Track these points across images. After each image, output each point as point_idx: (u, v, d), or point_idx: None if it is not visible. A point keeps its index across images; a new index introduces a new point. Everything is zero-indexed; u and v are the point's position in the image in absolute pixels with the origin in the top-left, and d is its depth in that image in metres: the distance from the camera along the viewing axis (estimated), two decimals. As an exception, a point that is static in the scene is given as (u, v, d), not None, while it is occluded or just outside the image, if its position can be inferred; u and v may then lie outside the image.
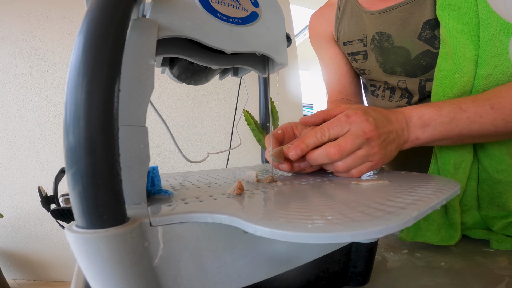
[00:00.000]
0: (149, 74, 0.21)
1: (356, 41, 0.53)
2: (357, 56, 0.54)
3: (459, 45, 0.39)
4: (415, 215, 0.18)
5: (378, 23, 0.48)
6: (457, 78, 0.39)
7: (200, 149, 1.69)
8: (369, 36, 0.50)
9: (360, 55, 0.53)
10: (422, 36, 0.44)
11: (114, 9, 0.17)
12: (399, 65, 0.48)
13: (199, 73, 0.36)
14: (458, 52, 0.39)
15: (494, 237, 0.43)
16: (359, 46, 0.53)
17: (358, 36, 0.52)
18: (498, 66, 0.37)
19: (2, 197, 1.54)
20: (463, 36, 0.38)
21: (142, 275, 0.18)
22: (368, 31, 0.50)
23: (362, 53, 0.52)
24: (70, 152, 0.15)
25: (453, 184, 0.26)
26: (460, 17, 0.39)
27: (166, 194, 0.26)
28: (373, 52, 0.50)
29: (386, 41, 0.48)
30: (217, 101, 1.72)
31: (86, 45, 0.15)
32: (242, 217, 0.18)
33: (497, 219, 0.44)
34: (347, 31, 0.54)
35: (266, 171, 0.44)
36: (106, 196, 0.16)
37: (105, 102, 0.15)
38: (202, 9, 0.26)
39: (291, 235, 0.16)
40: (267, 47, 0.30)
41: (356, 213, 0.18)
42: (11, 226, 1.55)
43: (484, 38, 0.37)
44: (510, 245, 0.41)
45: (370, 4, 0.50)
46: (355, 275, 0.33)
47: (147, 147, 0.21)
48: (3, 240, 1.56)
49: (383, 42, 0.48)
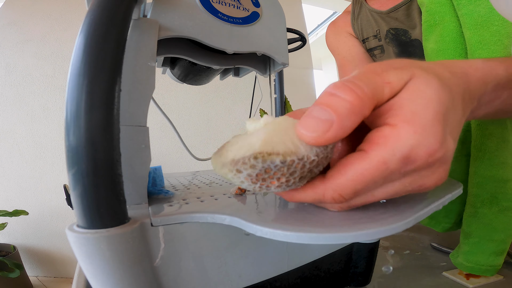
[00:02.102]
0: (150, 74, 0.21)
1: (371, 37, 0.56)
2: (375, 51, 0.57)
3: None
4: (416, 215, 0.18)
5: (389, 21, 0.52)
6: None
7: (215, 149, 1.71)
8: (383, 31, 0.54)
9: (378, 50, 0.56)
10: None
11: (115, 9, 0.17)
12: (415, 56, 0.50)
13: (200, 73, 0.36)
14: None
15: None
16: (374, 42, 0.56)
17: (372, 33, 0.56)
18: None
19: (27, 195, 1.57)
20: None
21: (143, 275, 0.18)
22: (381, 27, 0.54)
23: (379, 48, 0.56)
24: (71, 152, 0.15)
25: (456, 185, 0.26)
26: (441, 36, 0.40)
27: (167, 194, 0.26)
28: (389, 45, 0.54)
29: (403, 36, 0.51)
30: (232, 101, 1.75)
31: (87, 45, 0.15)
32: (243, 218, 0.18)
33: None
34: (362, 30, 0.58)
35: None
36: (107, 196, 0.16)
37: (106, 102, 0.15)
38: (203, 9, 0.26)
39: (292, 235, 0.16)
40: (268, 47, 0.30)
41: (357, 213, 0.18)
42: (35, 224, 1.58)
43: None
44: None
45: (379, 5, 0.54)
46: (356, 275, 0.33)
47: (148, 147, 0.21)
48: (27, 238, 1.59)
49: (401, 36, 0.51)
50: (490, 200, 0.35)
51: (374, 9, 0.54)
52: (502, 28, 0.35)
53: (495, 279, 0.33)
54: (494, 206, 0.35)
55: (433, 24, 0.41)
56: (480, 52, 0.36)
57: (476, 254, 0.35)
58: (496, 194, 0.35)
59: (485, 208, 0.35)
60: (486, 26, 0.36)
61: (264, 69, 0.36)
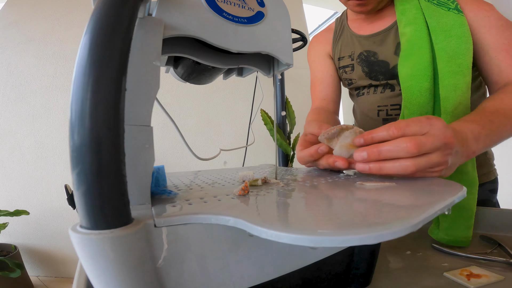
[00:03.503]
0: (155, 73, 0.21)
1: (346, 56, 0.69)
2: (346, 69, 0.69)
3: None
4: (421, 219, 0.18)
5: (366, 43, 0.65)
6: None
7: (216, 148, 1.72)
8: (356, 53, 0.67)
9: (349, 68, 0.69)
10: (396, 52, 0.60)
11: (121, 8, 0.16)
12: (381, 74, 0.64)
13: (203, 72, 0.36)
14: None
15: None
16: (348, 61, 0.69)
17: (348, 53, 0.69)
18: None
19: (29, 195, 1.57)
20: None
21: (146, 276, 0.18)
22: (356, 49, 0.67)
23: (350, 66, 0.69)
24: (75, 151, 0.15)
25: (458, 187, 0.26)
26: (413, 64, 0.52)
27: (170, 195, 0.26)
28: (359, 65, 0.66)
29: (372, 57, 0.64)
30: (233, 101, 1.76)
31: (93, 43, 0.15)
32: (247, 219, 0.18)
33: None
34: (341, 49, 0.71)
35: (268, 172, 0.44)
36: (112, 197, 0.16)
37: (111, 101, 0.15)
38: (208, 8, 0.26)
39: (298, 238, 0.15)
40: (272, 47, 0.30)
41: (363, 216, 0.18)
42: (36, 224, 1.59)
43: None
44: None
45: (359, 30, 0.68)
46: (357, 276, 0.33)
47: (152, 147, 0.21)
48: (28, 238, 1.59)
49: (370, 57, 0.64)
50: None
51: (355, 33, 0.68)
52: (465, 60, 0.48)
53: (495, 279, 0.33)
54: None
55: (410, 53, 0.53)
56: (448, 80, 0.48)
57: (453, 229, 0.46)
58: (460, 181, 0.41)
59: None
60: (454, 58, 0.49)
61: (268, 69, 0.36)
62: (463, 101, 0.48)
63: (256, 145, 1.62)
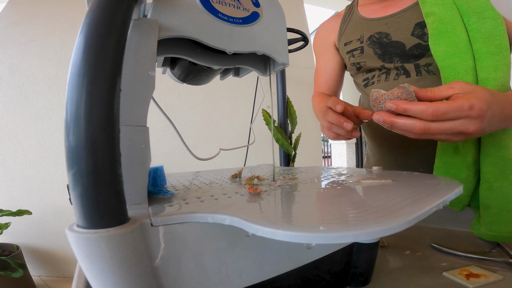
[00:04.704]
0: (150, 74, 0.21)
1: (354, 40, 0.68)
2: (355, 52, 0.67)
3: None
4: (416, 215, 0.18)
5: (377, 25, 0.63)
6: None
7: (217, 148, 1.72)
8: (366, 36, 0.65)
9: (357, 50, 0.67)
10: (414, 33, 0.58)
11: (115, 9, 0.17)
12: (396, 55, 0.61)
13: (200, 73, 0.36)
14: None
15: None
16: (357, 44, 0.67)
17: (356, 37, 0.67)
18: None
19: (31, 195, 1.58)
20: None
21: (143, 275, 0.18)
22: (365, 32, 0.66)
23: (358, 49, 0.67)
24: (70, 152, 0.15)
25: (455, 184, 0.26)
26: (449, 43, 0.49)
27: (167, 195, 0.26)
28: (370, 47, 0.64)
29: (385, 38, 0.62)
30: (234, 101, 1.76)
31: (87, 45, 0.15)
32: (244, 218, 0.18)
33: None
34: (348, 34, 0.70)
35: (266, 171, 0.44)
36: (107, 196, 0.16)
37: (106, 102, 0.15)
38: (203, 9, 0.26)
39: (292, 235, 0.16)
40: (268, 47, 0.30)
41: (359, 213, 0.18)
42: (39, 223, 1.59)
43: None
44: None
45: (370, 13, 0.67)
46: (356, 275, 0.33)
47: (148, 147, 0.21)
48: (30, 237, 1.60)
49: (383, 39, 0.62)
50: (501, 176, 0.44)
51: (364, 17, 0.68)
52: (503, 41, 0.47)
53: (495, 279, 0.33)
54: (505, 181, 0.44)
55: (444, 31, 0.50)
56: (487, 61, 0.47)
57: (497, 223, 0.43)
58: (504, 170, 0.44)
59: (497, 182, 0.45)
60: (491, 39, 0.47)
61: (264, 69, 0.36)
62: (504, 83, 0.46)
63: (258, 145, 1.62)
